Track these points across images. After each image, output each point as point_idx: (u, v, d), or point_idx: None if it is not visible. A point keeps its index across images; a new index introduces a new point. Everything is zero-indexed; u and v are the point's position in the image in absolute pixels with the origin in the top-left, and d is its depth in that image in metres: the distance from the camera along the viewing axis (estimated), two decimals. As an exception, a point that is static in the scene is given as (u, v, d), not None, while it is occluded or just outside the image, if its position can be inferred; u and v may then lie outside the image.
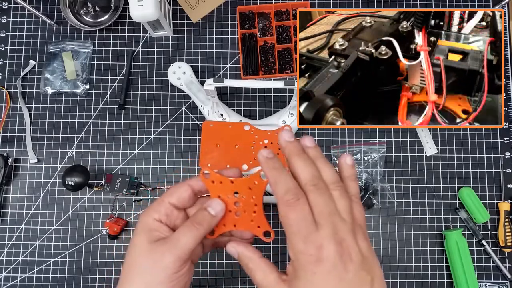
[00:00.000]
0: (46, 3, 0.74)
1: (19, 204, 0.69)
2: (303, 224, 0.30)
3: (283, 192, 0.31)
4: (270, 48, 0.72)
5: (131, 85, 0.72)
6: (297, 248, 0.30)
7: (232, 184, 0.36)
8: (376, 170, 0.69)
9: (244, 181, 0.36)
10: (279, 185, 0.32)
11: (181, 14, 0.74)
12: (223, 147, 0.62)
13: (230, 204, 0.37)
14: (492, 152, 0.71)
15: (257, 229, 0.36)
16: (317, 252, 0.29)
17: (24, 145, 0.70)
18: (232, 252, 0.35)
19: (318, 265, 0.29)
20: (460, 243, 0.65)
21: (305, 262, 0.30)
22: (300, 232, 0.30)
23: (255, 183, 0.35)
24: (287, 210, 0.31)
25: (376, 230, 0.69)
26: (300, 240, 0.30)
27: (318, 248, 0.29)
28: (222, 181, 0.36)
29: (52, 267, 0.67)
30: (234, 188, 0.36)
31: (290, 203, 0.31)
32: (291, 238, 0.31)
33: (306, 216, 0.30)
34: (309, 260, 0.29)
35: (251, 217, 0.36)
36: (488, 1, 0.75)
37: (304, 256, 0.30)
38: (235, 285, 0.67)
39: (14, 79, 0.72)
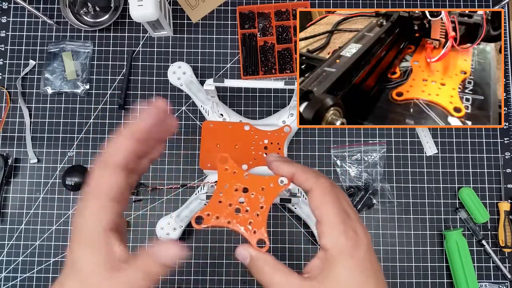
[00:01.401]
0: (46, 3, 0.74)
1: (19, 204, 0.69)
2: (342, 209, 0.31)
3: (317, 177, 0.32)
4: (270, 48, 0.72)
5: (131, 85, 0.72)
6: (337, 232, 0.30)
7: (246, 178, 0.34)
8: (376, 170, 0.69)
9: (260, 179, 0.34)
10: (311, 173, 0.33)
11: (181, 14, 0.74)
12: (223, 147, 0.62)
13: (233, 198, 0.34)
14: (492, 152, 0.71)
15: (252, 234, 0.33)
16: (354, 235, 0.30)
17: (24, 145, 0.70)
18: (243, 255, 0.33)
19: (358, 246, 0.30)
20: (460, 243, 0.65)
21: (344, 247, 0.30)
22: (341, 216, 0.31)
23: (271, 185, 0.34)
24: (325, 195, 0.31)
25: (376, 230, 0.69)
26: (340, 225, 0.30)
27: (355, 232, 0.30)
28: (237, 171, 0.35)
29: (52, 267, 0.67)
30: (246, 183, 0.34)
31: (327, 188, 0.32)
32: (330, 224, 0.31)
33: (341, 201, 0.32)
34: (349, 245, 0.30)
35: (252, 218, 0.34)
36: (488, 1, 0.75)
37: (344, 241, 0.30)
38: (235, 285, 0.67)
39: (14, 79, 0.72)
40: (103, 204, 0.29)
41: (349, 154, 0.70)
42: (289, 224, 0.69)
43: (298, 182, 0.33)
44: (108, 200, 0.29)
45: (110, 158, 0.30)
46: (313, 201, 0.32)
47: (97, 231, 0.28)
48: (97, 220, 0.29)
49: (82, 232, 0.29)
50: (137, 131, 0.31)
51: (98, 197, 0.29)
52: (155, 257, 0.29)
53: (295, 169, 0.33)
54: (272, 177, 0.34)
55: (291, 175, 0.34)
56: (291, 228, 0.69)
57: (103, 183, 0.29)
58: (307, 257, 0.68)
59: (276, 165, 0.34)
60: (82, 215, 0.29)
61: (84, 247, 0.28)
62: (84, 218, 0.29)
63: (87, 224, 0.29)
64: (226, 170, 0.35)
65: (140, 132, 0.31)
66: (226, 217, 0.34)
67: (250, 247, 0.33)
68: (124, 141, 0.31)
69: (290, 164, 0.34)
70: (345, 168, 0.70)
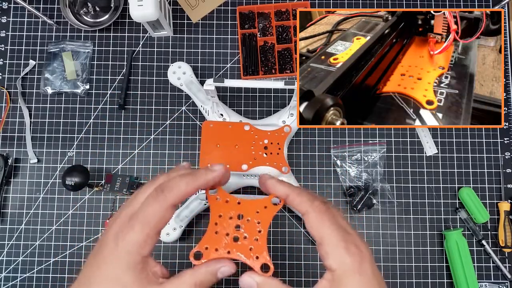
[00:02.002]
0: (46, 3, 0.74)
1: (19, 204, 0.69)
2: (339, 226, 0.31)
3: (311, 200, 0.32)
4: (270, 48, 0.72)
5: (131, 85, 0.72)
6: (340, 251, 0.30)
7: (239, 205, 0.34)
8: (376, 170, 0.69)
9: (253, 203, 0.34)
10: (304, 196, 0.33)
11: (181, 14, 0.74)
12: (223, 147, 0.62)
13: (230, 226, 0.34)
14: (492, 152, 0.71)
15: (255, 260, 0.33)
16: (357, 251, 0.30)
17: (24, 145, 0.70)
18: (248, 283, 0.32)
19: (363, 262, 0.30)
20: (460, 243, 0.65)
21: (350, 265, 0.30)
22: (339, 234, 0.31)
23: (265, 207, 0.34)
24: (322, 217, 0.31)
25: (376, 230, 0.69)
26: (341, 244, 0.30)
27: (357, 247, 0.31)
28: (229, 200, 0.34)
29: (52, 267, 0.67)
30: (240, 210, 0.34)
31: (322, 210, 0.32)
32: (332, 244, 0.31)
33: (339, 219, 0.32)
34: (354, 262, 0.30)
35: (252, 244, 0.33)
36: (488, 1, 0.75)
37: (349, 259, 0.30)
38: (235, 285, 0.67)
39: (14, 79, 0.72)
40: (149, 234, 0.30)
41: (349, 154, 0.70)
42: (289, 224, 0.69)
43: (292, 204, 0.33)
44: (155, 232, 0.30)
45: (170, 194, 0.31)
46: (310, 224, 0.32)
47: (136, 257, 0.29)
48: (139, 247, 0.29)
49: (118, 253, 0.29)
50: (202, 185, 0.33)
51: (147, 225, 0.30)
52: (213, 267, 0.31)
53: (289, 191, 0.33)
54: (264, 199, 0.34)
55: (285, 196, 0.34)
56: (291, 228, 0.69)
57: (155, 214, 0.30)
58: (307, 257, 0.68)
59: (271, 184, 0.34)
60: (122, 238, 0.29)
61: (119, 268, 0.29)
62: (124, 242, 0.29)
63: (127, 249, 0.29)
64: (217, 200, 0.35)
65: (204, 186, 0.33)
66: (225, 247, 0.33)
67: (254, 273, 0.32)
68: (188, 187, 0.32)
69: (285, 185, 0.34)
70: (345, 168, 0.70)
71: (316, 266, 0.68)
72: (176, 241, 0.66)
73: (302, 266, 0.68)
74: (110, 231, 0.31)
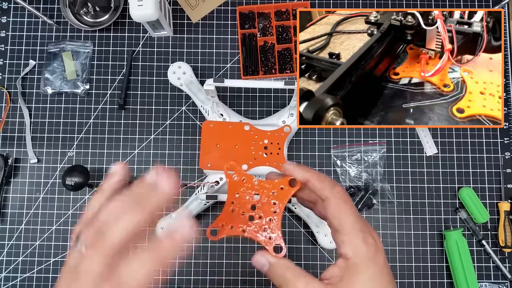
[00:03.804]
0: (46, 3, 0.74)
1: (19, 204, 0.69)
2: (358, 216, 0.31)
3: (332, 185, 0.32)
4: (270, 48, 0.72)
5: (131, 85, 0.72)
6: (357, 241, 0.30)
7: (255, 185, 0.34)
8: (376, 170, 0.69)
9: (270, 183, 0.34)
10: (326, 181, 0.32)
11: (181, 14, 0.74)
12: (223, 147, 0.62)
13: (245, 205, 0.34)
14: (492, 152, 0.71)
15: (268, 240, 0.33)
16: (374, 242, 0.30)
17: (24, 145, 0.70)
18: (261, 262, 0.32)
19: (378, 253, 0.30)
20: (460, 243, 0.65)
21: (366, 255, 0.30)
22: (358, 224, 0.31)
23: (282, 188, 0.34)
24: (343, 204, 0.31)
25: (376, 230, 0.69)
26: (359, 233, 0.30)
27: (373, 239, 0.31)
28: (246, 179, 0.34)
29: (52, 267, 0.67)
30: (256, 189, 0.34)
31: (343, 197, 0.32)
32: (350, 232, 0.31)
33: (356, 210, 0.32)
34: (370, 252, 0.30)
35: (266, 224, 0.33)
36: (488, 1, 0.75)
37: (365, 249, 0.30)
38: (235, 285, 0.67)
39: (14, 79, 0.72)
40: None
41: (349, 154, 0.70)
42: (289, 224, 0.69)
43: (313, 189, 0.33)
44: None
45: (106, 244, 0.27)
46: (330, 210, 0.32)
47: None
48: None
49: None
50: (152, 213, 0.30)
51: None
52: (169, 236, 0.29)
53: (309, 175, 0.33)
54: (282, 180, 0.34)
55: (305, 180, 0.33)
56: (291, 228, 0.69)
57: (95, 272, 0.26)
58: (307, 257, 0.68)
59: (290, 168, 0.34)
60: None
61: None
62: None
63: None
64: (234, 179, 0.35)
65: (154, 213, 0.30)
66: (240, 226, 0.34)
67: (267, 253, 0.32)
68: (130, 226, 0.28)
69: (305, 169, 0.34)
70: (345, 168, 0.70)
71: (316, 266, 0.68)
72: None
73: (302, 266, 0.67)
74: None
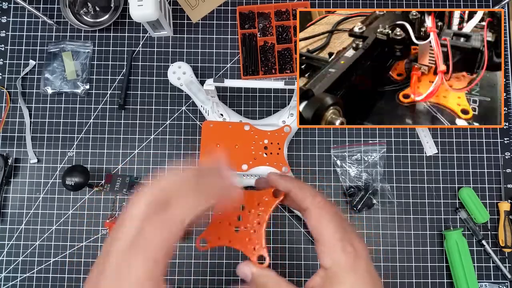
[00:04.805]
0: (46, 3, 0.74)
1: (19, 204, 0.69)
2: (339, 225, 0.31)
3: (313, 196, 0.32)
4: (270, 48, 0.72)
5: (131, 85, 0.72)
6: (336, 250, 0.30)
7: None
8: (376, 170, 0.69)
9: (254, 194, 0.35)
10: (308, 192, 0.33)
11: (181, 14, 0.74)
12: (223, 147, 0.62)
13: (232, 217, 0.35)
14: (492, 152, 0.71)
15: (252, 250, 0.34)
16: (353, 250, 0.30)
17: (24, 145, 0.70)
18: (245, 271, 0.33)
19: (357, 260, 0.30)
20: (460, 243, 0.65)
21: (344, 264, 0.30)
22: (338, 234, 0.31)
23: (265, 199, 0.34)
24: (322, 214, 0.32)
25: (376, 230, 0.69)
26: (338, 243, 0.31)
27: (353, 246, 0.31)
28: None
29: (52, 267, 0.67)
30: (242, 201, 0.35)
31: (322, 207, 0.32)
32: (328, 242, 0.31)
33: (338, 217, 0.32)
34: (349, 261, 0.30)
35: (249, 235, 0.34)
36: (488, 1, 0.75)
37: (344, 258, 0.30)
38: (235, 285, 0.67)
39: (14, 79, 0.72)
40: (157, 260, 0.27)
41: (349, 154, 0.70)
42: (289, 224, 0.69)
43: (295, 199, 0.34)
44: (163, 257, 0.27)
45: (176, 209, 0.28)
46: (310, 221, 0.32)
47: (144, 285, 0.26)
48: (147, 277, 0.26)
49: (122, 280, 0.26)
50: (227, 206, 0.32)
51: (152, 255, 0.26)
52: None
53: (292, 185, 0.34)
54: (266, 191, 0.35)
55: (287, 190, 0.34)
56: (291, 228, 0.69)
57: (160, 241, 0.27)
58: (307, 257, 0.68)
59: (273, 178, 0.35)
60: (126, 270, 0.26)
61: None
62: (129, 276, 0.26)
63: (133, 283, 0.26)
64: None
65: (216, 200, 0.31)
66: (226, 237, 0.35)
67: (251, 263, 0.33)
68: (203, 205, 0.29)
69: (287, 180, 0.34)
70: (345, 168, 0.70)
71: (316, 266, 0.68)
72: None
73: (302, 266, 0.68)
74: (109, 262, 0.26)
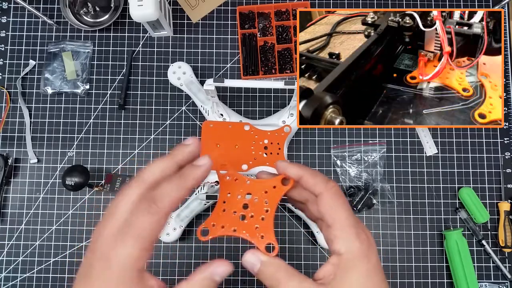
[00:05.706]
0: (46, 3, 0.74)
1: (19, 204, 0.69)
2: (351, 212, 0.31)
3: (326, 181, 0.31)
4: (270, 48, 0.72)
5: (131, 85, 0.72)
6: (351, 236, 0.29)
7: (248, 184, 0.34)
8: (376, 170, 0.69)
9: (262, 183, 0.34)
10: (320, 177, 0.32)
11: (181, 14, 0.74)
12: (223, 147, 0.62)
13: (237, 205, 0.33)
14: (492, 152, 0.71)
15: (260, 239, 0.32)
16: (367, 239, 0.30)
17: (24, 145, 0.70)
18: (253, 261, 0.31)
19: (370, 249, 0.30)
20: (460, 243, 0.65)
21: (359, 251, 0.29)
22: (351, 220, 0.30)
23: (274, 187, 0.33)
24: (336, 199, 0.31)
25: (376, 230, 0.69)
26: (352, 228, 0.30)
27: (367, 235, 0.30)
28: (238, 179, 0.34)
29: (52, 267, 0.67)
30: (248, 189, 0.34)
31: (337, 193, 0.31)
32: (343, 227, 0.30)
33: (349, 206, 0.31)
34: (363, 248, 0.29)
35: (258, 223, 0.33)
36: (488, 1, 0.75)
37: (359, 244, 0.29)
38: (235, 285, 0.67)
39: (14, 79, 0.72)
40: (144, 247, 0.28)
41: (349, 154, 0.70)
42: (289, 224, 0.69)
43: (306, 186, 0.33)
44: (150, 245, 0.28)
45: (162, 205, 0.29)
46: (323, 206, 0.31)
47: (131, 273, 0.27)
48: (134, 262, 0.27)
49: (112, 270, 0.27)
50: (192, 186, 0.30)
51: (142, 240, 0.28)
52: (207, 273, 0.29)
53: (302, 172, 0.33)
54: (274, 179, 0.34)
55: (298, 177, 0.33)
56: (291, 228, 0.69)
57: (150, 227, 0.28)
58: (307, 257, 0.68)
59: (284, 165, 0.33)
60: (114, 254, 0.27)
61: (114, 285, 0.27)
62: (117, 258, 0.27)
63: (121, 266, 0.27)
64: (227, 180, 0.34)
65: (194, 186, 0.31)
66: (231, 225, 0.33)
67: (259, 252, 0.31)
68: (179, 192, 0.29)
69: (298, 166, 0.33)
70: (345, 168, 0.70)
71: (316, 266, 0.68)
72: (176, 241, 0.66)
73: (302, 266, 0.68)
74: (98, 247, 0.28)
